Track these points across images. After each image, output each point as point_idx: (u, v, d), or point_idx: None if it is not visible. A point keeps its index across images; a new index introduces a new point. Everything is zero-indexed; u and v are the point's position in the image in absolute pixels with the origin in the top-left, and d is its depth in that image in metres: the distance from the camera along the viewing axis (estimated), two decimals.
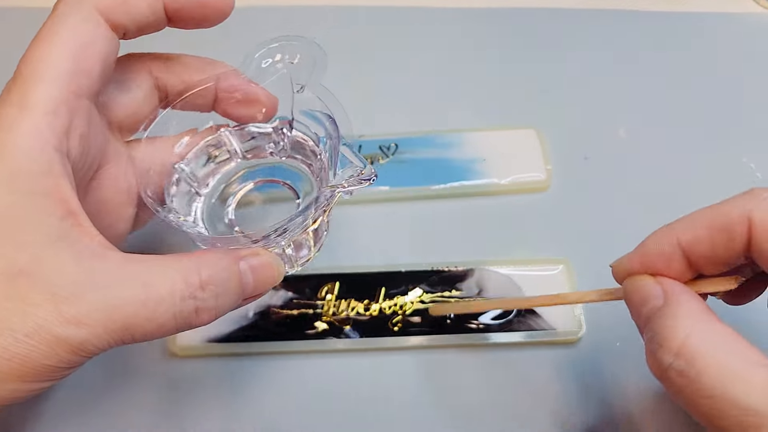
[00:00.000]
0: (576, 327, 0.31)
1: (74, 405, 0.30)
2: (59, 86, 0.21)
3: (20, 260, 0.19)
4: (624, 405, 0.30)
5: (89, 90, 0.22)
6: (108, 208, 0.25)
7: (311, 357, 0.32)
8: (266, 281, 0.24)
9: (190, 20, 0.25)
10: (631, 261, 0.23)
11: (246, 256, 0.23)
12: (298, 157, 0.30)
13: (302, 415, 0.30)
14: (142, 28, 0.24)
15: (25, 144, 0.20)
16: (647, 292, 0.22)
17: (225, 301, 0.22)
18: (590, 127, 0.40)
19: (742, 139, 0.39)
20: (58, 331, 0.19)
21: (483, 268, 0.33)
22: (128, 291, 0.20)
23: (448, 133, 0.38)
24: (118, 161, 0.25)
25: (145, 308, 0.20)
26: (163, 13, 0.24)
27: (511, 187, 0.37)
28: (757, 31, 0.44)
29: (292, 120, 0.29)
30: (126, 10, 0.23)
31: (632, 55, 0.43)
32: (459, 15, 0.45)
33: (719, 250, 0.21)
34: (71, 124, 0.21)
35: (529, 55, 0.43)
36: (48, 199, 0.20)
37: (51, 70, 0.21)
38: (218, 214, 0.29)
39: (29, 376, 0.19)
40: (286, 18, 0.45)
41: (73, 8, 0.22)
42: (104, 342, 0.20)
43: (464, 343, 0.31)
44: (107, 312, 0.19)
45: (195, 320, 0.21)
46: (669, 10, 0.45)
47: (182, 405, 0.30)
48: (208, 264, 0.22)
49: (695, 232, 0.22)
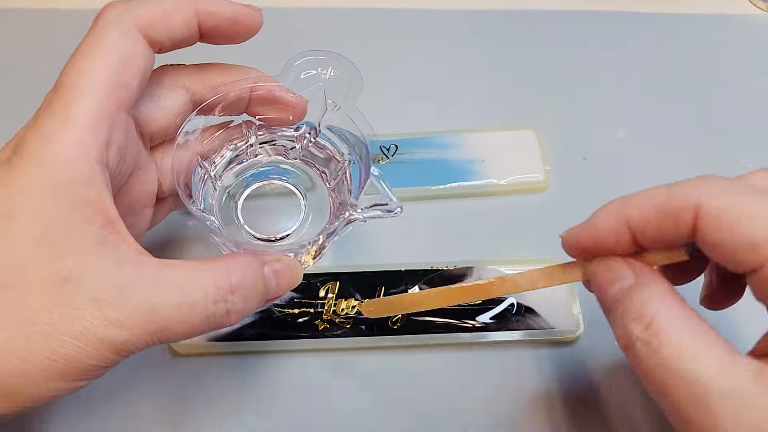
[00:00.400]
0: (574, 326, 0.32)
1: (75, 403, 0.30)
2: (100, 99, 0.22)
3: (65, 267, 0.20)
4: (622, 404, 0.30)
5: (128, 103, 0.23)
6: (133, 209, 0.27)
7: (311, 356, 0.32)
8: (287, 284, 0.25)
9: (221, 37, 0.26)
10: (581, 235, 0.24)
11: (270, 261, 0.25)
12: (312, 162, 0.31)
13: (303, 414, 0.30)
14: (176, 44, 0.25)
15: (68, 155, 0.21)
16: (618, 273, 0.23)
17: (252, 303, 0.23)
18: (589, 128, 0.40)
19: (740, 140, 0.39)
20: (103, 333, 0.20)
21: (482, 267, 0.33)
22: (165, 295, 0.21)
23: (447, 133, 0.39)
24: (147, 168, 0.27)
25: (180, 311, 0.21)
26: (197, 30, 0.25)
27: (510, 187, 0.37)
28: (754, 32, 0.45)
29: (318, 130, 0.29)
30: (164, 27, 0.24)
31: (630, 56, 0.43)
32: (458, 17, 0.45)
33: (666, 233, 0.22)
34: (111, 137, 0.22)
35: (528, 56, 0.43)
36: (90, 209, 0.21)
37: (92, 84, 0.22)
38: (228, 208, 0.30)
39: (73, 375, 0.20)
40: (288, 20, 0.45)
41: (113, 23, 0.23)
42: (143, 342, 0.21)
43: (463, 342, 0.32)
44: (147, 315, 0.20)
45: (225, 321, 0.23)
46: (666, 12, 0.45)
47: (183, 403, 0.31)
48: (237, 269, 0.23)
49: (645, 213, 0.22)
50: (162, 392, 0.31)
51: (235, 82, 0.27)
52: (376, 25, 0.45)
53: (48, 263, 0.20)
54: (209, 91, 0.27)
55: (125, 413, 0.30)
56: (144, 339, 0.21)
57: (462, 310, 0.32)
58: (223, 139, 0.30)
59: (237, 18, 0.25)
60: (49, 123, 0.21)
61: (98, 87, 0.22)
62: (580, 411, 0.30)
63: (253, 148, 0.30)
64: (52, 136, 0.21)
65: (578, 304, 0.32)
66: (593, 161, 0.38)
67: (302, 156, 0.31)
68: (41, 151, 0.21)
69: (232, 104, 0.28)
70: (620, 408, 0.30)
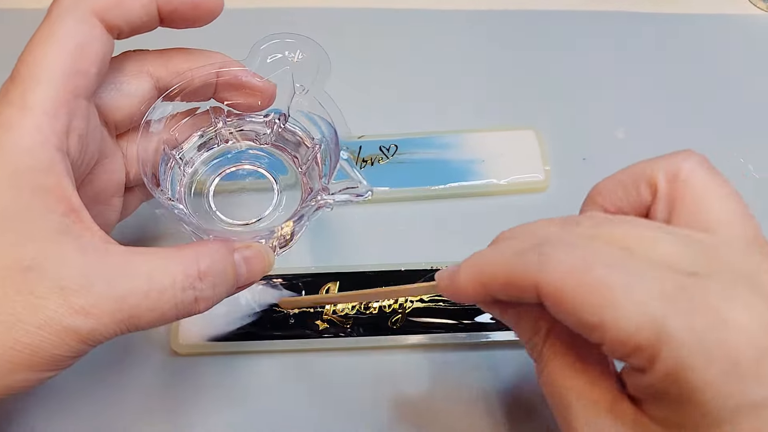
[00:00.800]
0: None
1: (75, 403, 0.30)
2: (57, 87, 0.21)
3: (27, 255, 0.20)
4: None
5: (86, 90, 0.23)
6: (99, 199, 0.26)
7: (311, 355, 0.32)
8: (258, 271, 0.25)
9: (181, 21, 0.25)
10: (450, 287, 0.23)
11: (240, 247, 0.24)
12: (283, 147, 0.30)
13: (303, 413, 0.30)
14: (135, 29, 0.24)
15: (26, 143, 0.21)
16: None
17: (221, 290, 0.23)
18: (589, 128, 0.40)
19: (740, 140, 0.39)
20: (68, 322, 0.19)
21: None
22: (132, 282, 0.21)
23: (447, 133, 0.39)
24: (113, 156, 0.26)
25: (149, 299, 0.21)
26: (156, 14, 0.24)
27: (510, 187, 0.37)
28: (754, 32, 0.45)
29: (287, 115, 0.29)
30: (121, 11, 0.23)
31: (630, 56, 0.43)
32: (459, 17, 0.45)
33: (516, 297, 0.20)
34: (70, 125, 0.22)
35: (528, 56, 0.43)
36: (50, 196, 0.21)
37: (49, 72, 0.21)
38: (199, 195, 0.30)
39: (39, 365, 0.20)
40: (287, 19, 0.45)
41: (68, 10, 0.22)
42: (111, 331, 0.20)
43: (463, 342, 0.32)
44: (114, 302, 0.20)
45: (194, 308, 0.22)
46: (666, 12, 0.45)
47: (183, 403, 0.31)
48: (205, 255, 0.22)
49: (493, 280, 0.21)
50: (162, 392, 0.31)
51: (200, 68, 0.27)
52: (376, 25, 0.45)
53: (8, 250, 0.20)
54: (174, 77, 0.26)
55: (125, 412, 0.30)
56: (112, 327, 0.20)
57: (462, 311, 0.32)
58: (190, 126, 0.29)
59: (196, 1, 0.25)
60: (7, 112, 0.21)
61: (55, 74, 0.21)
62: None
63: (222, 134, 0.30)
64: (10, 124, 0.21)
65: None
66: (593, 161, 0.38)
67: (273, 141, 0.30)
68: (0, 139, 0.21)
69: (198, 90, 0.27)
70: None
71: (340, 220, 0.36)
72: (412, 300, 0.32)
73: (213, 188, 0.30)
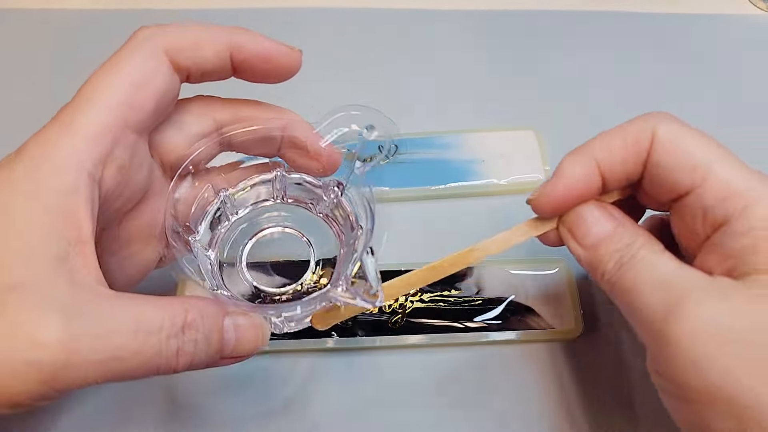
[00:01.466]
0: (574, 326, 0.32)
1: (75, 403, 0.30)
2: (108, 115, 0.21)
3: (15, 275, 0.19)
4: (621, 403, 0.30)
5: (138, 124, 0.22)
6: (141, 237, 0.25)
7: (312, 356, 0.32)
8: (249, 343, 0.23)
9: (253, 74, 0.25)
10: (555, 189, 0.25)
11: (234, 312, 0.23)
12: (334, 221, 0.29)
13: (302, 414, 0.30)
14: (206, 74, 0.24)
15: (59, 161, 0.20)
16: (596, 215, 0.25)
17: (202, 349, 0.21)
18: (589, 128, 0.39)
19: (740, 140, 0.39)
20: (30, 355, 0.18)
21: (482, 267, 0.33)
22: (120, 321, 0.20)
23: (447, 134, 0.39)
24: (161, 197, 0.26)
25: (135, 340, 0.19)
26: (228, 62, 0.24)
27: (510, 187, 0.37)
28: (754, 32, 0.45)
29: (345, 185, 0.28)
30: (192, 54, 0.23)
31: (630, 56, 0.43)
32: (458, 17, 0.45)
33: (629, 165, 0.24)
34: (111, 154, 0.22)
35: (528, 56, 0.43)
36: (62, 220, 0.20)
37: (103, 99, 0.21)
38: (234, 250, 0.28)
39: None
40: (288, 20, 0.45)
41: (140, 44, 0.23)
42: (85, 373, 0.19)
43: (463, 342, 0.32)
44: (96, 339, 0.19)
45: (173, 362, 0.21)
46: (666, 12, 0.46)
47: (183, 403, 0.31)
48: (195, 308, 0.21)
49: (611, 150, 0.24)
50: (161, 392, 0.31)
51: (267, 119, 0.26)
52: (376, 25, 0.45)
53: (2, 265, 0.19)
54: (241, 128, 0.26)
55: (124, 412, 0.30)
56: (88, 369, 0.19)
57: (462, 311, 0.32)
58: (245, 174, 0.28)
59: (269, 55, 0.24)
60: (52, 129, 0.21)
61: (109, 102, 0.21)
62: (579, 411, 0.30)
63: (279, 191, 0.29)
64: (49, 139, 0.21)
65: (578, 304, 0.32)
66: None
67: (327, 211, 0.29)
68: (35, 154, 0.20)
69: (260, 142, 0.26)
70: (620, 408, 0.30)
71: None
72: (412, 300, 0.32)
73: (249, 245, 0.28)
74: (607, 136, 0.24)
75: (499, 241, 0.26)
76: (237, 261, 0.28)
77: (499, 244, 0.26)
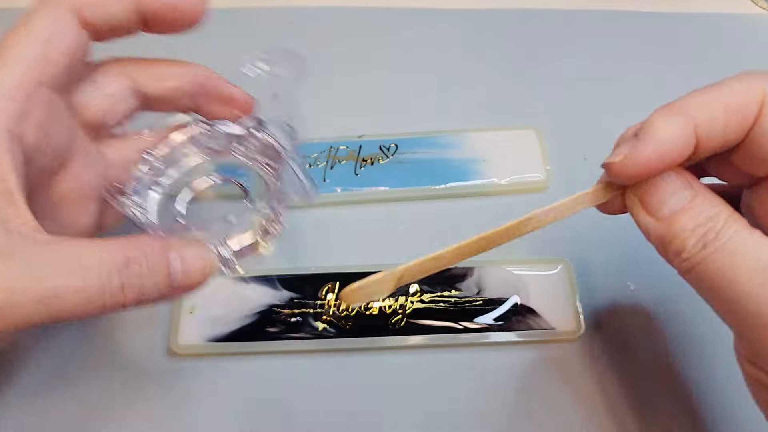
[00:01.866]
0: (575, 326, 0.32)
1: (75, 403, 0.30)
2: (20, 72, 0.22)
3: None
4: (622, 404, 0.30)
5: (52, 79, 0.23)
6: (71, 200, 0.26)
7: (312, 356, 0.32)
8: (196, 271, 0.23)
9: (162, 24, 0.26)
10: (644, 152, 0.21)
11: (177, 245, 0.23)
12: (263, 160, 0.30)
13: (302, 414, 0.30)
14: (114, 29, 0.25)
15: None
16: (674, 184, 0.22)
17: (149, 282, 0.22)
18: (589, 127, 0.40)
19: None
20: None
21: (482, 267, 0.33)
22: (56, 260, 0.20)
23: (447, 133, 0.39)
24: (86, 158, 0.26)
25: (75, 277, 0.20)
26: (135, 16, 0.25)
27: (511, 187, 0.37)
28: (755, 32, 0.45)
29: (262, 122, 0.29)
30: (99, 9, 0.24)
31: (631, 55, 0.43)
32: (459, 16, 0.45)
33: (730, 133, 0.21)
34: (29, 110, 0.22)
35: (528, 55, 0.43)
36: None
37: (14, 57, 0.22)
38: (170, 206, 0.29)
39: None
40: (288, 19, 0.45)
41: (48, 4, 0.23)
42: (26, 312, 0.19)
43: (464, 343, 0.32)
44: (32, 280, 0.19)
45: (121, 298, 0.21)
46: (667, 11, 0.45)
47: (183, 404, 0.30)
48: (135, 245, 0.22)
49: (711, 114, 0.21)
50: (161, 393, 0.31)
51: (181, 75, 0.27)
52: (376, 25, 0.45)
53: None
54: (155, 83, 0.27)
55: (124, 412, 0.30)
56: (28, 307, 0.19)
57: (462, 312, 0.32)
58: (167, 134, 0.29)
59: (175, 3, 0.25)
60: None
61: (20, 60, 0.22)
62: (580, 411, 0.30)
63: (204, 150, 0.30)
64: None
65: (579, 304, 0.32)
66: (594, 161, 0.38)
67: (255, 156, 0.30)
68: None
69: (177, 98, 0.27)
70: (621, 408, 0.30)
71: (339, 220, 0.36)
72: (412, 300, 0.32)
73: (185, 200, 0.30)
74: (704, 96, 0.21)
75: (557, 209, 0.23)
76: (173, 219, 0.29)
77: (557, 213, 0.23)
